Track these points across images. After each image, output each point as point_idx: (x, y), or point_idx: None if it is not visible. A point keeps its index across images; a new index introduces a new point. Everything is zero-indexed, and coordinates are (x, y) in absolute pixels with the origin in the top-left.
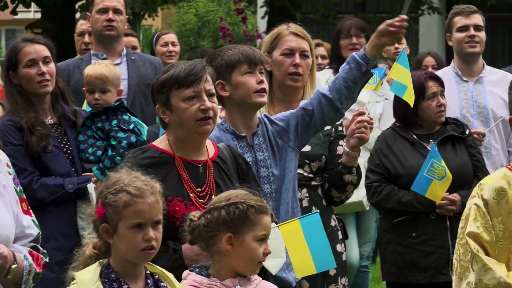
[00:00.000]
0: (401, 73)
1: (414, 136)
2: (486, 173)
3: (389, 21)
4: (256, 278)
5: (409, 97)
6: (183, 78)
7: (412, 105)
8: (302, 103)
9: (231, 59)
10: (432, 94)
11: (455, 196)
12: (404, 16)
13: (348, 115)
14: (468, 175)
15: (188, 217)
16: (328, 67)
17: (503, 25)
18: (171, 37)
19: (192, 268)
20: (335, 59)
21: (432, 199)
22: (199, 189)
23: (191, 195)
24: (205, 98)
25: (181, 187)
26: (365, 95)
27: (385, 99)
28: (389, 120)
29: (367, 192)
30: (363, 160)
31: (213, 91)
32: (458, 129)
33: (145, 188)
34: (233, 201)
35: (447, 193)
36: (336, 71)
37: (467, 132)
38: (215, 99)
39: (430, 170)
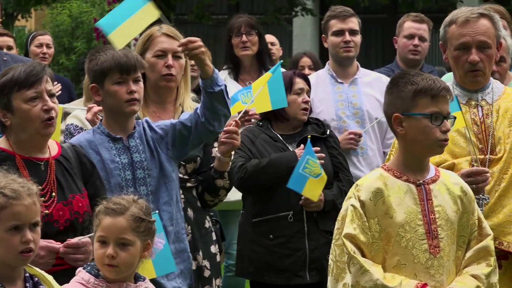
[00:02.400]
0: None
1: (279, 136)
2: (348, 173)
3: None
4: (148, 286)
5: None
6: (24, 79)
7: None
8: (183, 116)
9: (104, 66)
10: (300, 89)
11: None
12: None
13: None
14: (329, 175)
15: None
16: (224, 67)
17: (376, 26)
18: (47, 38)
19: (85, 266)
20: (228, 59)
21: (309, 197)
22: (40, 187)
23: None
24: (47, 98)
25: None
26: None
27: None
28: None
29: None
30: None
31: (54, 91)
32: (319, 129)
33: (21, 190)
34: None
35: None
36: (232, 70)
37: (328, 132)
38: (55, 99)
39: (306, 167)
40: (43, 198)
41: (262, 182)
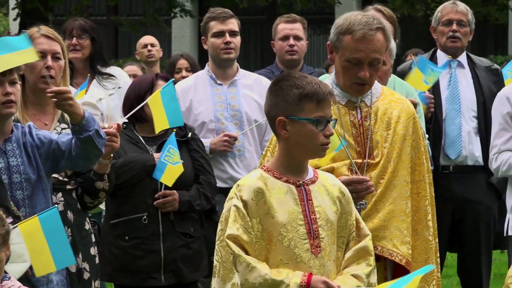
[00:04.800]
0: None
1: (140, 138)
2: (209, 176)
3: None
4: (14, 284)
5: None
6: None
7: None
8: (62, 137)
9: None
10: None
11: (173, 193)
12: None
13: None
14: (188, 178)
15: None
16: None
17: (255, 28)
18: None
19: None
20: None
21: (165, 183)
22: None
23: None
24: None
25: None
26: (96, 92)
27: (118, 87)
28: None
29: None
30: None
31: None
32: (181, 132)
33: None
34: None
35: (166, 191)
36: None
37: (189, 135)
38: None
39: (167, 156)
40: None
41: (118, 182)
